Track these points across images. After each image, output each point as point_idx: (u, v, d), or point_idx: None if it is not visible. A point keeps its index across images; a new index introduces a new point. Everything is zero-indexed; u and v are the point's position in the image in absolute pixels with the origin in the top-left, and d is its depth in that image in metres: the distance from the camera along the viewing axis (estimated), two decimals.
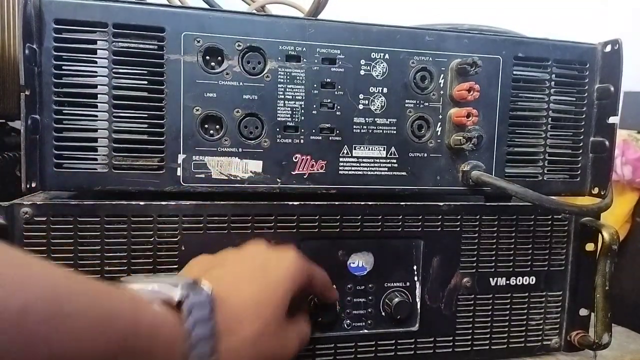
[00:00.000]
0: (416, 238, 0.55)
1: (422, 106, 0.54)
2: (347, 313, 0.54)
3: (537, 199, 0.51)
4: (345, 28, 0.52)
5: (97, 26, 0.47)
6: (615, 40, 0.56)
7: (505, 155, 0.57)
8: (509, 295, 0.58)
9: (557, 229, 0.59)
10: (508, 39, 0.56)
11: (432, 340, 0.57)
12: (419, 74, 0.53)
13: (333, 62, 0.52)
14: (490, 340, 0.58)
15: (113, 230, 0.48)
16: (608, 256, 0.56)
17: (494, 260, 0.57)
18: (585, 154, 0.59)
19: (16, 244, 0.46)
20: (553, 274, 0.59)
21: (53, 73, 0.46)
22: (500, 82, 0.55)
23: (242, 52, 0.49)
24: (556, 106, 0.58)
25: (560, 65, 0.57)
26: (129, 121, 0.48)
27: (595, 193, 0.59)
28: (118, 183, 0.48)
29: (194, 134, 0.49)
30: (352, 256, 0.54)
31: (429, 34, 0.53)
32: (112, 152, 0.48)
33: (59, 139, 0.47)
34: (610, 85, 0.57)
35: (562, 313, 0.60)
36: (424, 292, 0.56)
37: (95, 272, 0.48)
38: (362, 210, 0.53)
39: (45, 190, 0.48)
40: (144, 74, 0.48)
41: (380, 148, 0.54)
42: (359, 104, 0.53)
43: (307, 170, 0.52)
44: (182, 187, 0.49)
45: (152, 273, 0.41)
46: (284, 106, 0.51)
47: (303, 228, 0.52)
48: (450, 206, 0.55)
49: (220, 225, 0.50)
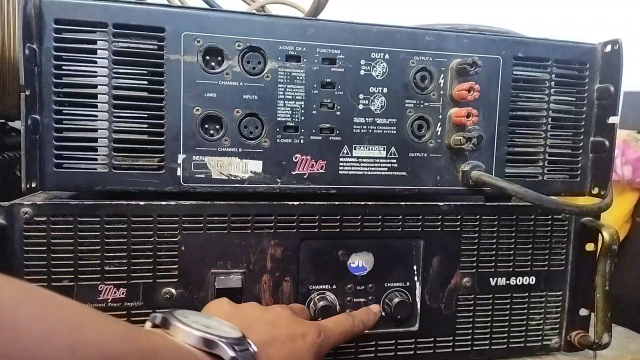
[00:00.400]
0: (416, 238, 0.55)
1: (422, 106, 0.54)
2: None
3: (537, 199, 0.51)
4: (345, 28, 0.52)
5: (97, 26, 0.47)
6: (615, 40, 0.56)
7: (505, 155, 0.57)
8: (509, 295, 0.58)
9: (557, 229, 0.59)
10: (508, 39, 0.56)
11: (432, 340, 0.57)
12: (419, 74, 0.53)
13: (333, 62, 0.52)
14: (490, 340, 0.58)
15: (113, 230, 0.48)
16: (608, 256, 0.56)
17: (494, 260, 0.57)
18: (585, 154, 0.59)
19: (16, 244, 0.46)
20: (553, 274, 0.59)
21: (53, 73, 0.46)
22: (500, 82, 0.55)
23: (242, 52, 0.49)
24: (556, 106, 0.58)
25: (560, 65, 0.57)
26: (129, 121, 0.48)
27: (595, 193, 0.59)
28: (118, 183, 0.48)
29: (194, 134, 0.49)
30: (352, 256, 0.54)
31: (429, 34, 0.53)
32: (112, 152, 0.48)
33: (59, 139, 0.47)
34: (610, 85, 0.57)
35: (562, 313, 0.60)
36: (424, 292, 0.56)
37: (95, 272, 0.48)
38: (362, 210, 0.53)
39: (45, 190, 0.48)
40: (144, 74, 0.48)
41: (380, 148, 0.54)
42: (359, 104, 0.53)
43: (307, 170, 0.52)
44: (182, 187, 0.49)
45: (192, 310, 0.41)
46: (284, 106, 0.51)
47: (303, 228, 0.52)
48: (450, 206, 0.55)
49: (220, 225, 0.50)
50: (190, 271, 0.50)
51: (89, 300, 0.48)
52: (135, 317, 0.49)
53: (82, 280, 0.48)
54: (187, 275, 0.50)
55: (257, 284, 0.52)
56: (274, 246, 0.52)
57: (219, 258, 0.50)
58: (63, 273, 0.47)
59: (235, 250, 0.51)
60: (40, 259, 0.47)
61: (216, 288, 0.50)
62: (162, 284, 0.49)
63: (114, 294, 0.48)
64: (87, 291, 0.48)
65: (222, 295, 0.50)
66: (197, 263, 0.50)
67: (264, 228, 0.51)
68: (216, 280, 0.50)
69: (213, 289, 0.50)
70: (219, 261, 0.50)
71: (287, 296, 0.52)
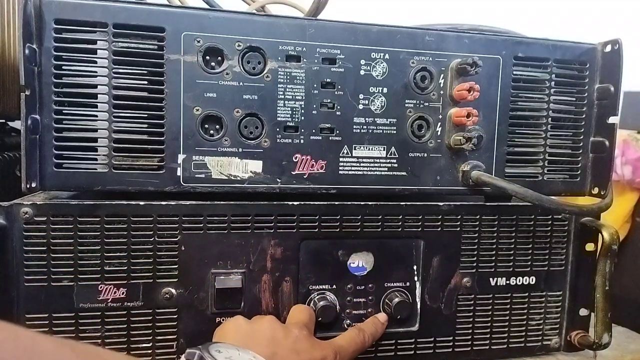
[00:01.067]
0: (416, 238, 0.55)
1: (422, 106, 0.54)
2: (347, 313, 0.54)
3: (537, 199, 0.51)
4: (345, 28, 0.52)
5: (97, 26, 0.47)
6: (615, 40, 0.56)
7: (505, 155, 0.57)
8: (509, 295, 0.58)
9: (557, 229, 0.59)
10: (508, 39, 0.56)
11: (432, 340, 0.57)
12: (419, 74, 0.53)
13: (333, 62, 0.52)
14: (490, 340, 0.58)
15: (113, 230, 0.48)
16: (608, 256, 0.56)
17: (494, 260, 0.57)
18: (585, 154, 0.59)
19: (16, 244, 0.46)
20: (553, 274, 0.59)
21: (53, 73, 0.46)
22: (500, 82, 0.55)
23: (242, 52, 0.49)
24: (556, 106, 0.58)
25: (560, 65, 0.57)
26: (129, 121, 0.48)
27: (595, 193, 0.59)
28: (118, 183, 0.48)
29: (194, 134, 0.49)
30: (352, 256, 0.54)
31: (429, 34, 0.53)
32: (112, 152, 0.48)
33: (59, 139, 0.47)
34: (610, 85, 0.57)
35: (562, 313, 0.60)
36: (424, 292, 0.56)
37: (95, 272, 0.48)
38: (362, 210, 0.53)
39: (45, 190, 0.48)
40: (144, 74, 0.48)
41: (380, 148, 0.54)
42: (359, 104, 0.53)
43: (307, 170, 0.52)
44: (182, 187, 0.49)
45: (224, 344, 0.42)
46: (284, 106, 0.51)
47: (303, 228, 0.52)
48: (450, 206, 0.55)
49: (220, 225, 0.50)
50: (190, 271, 0.50)
51: (89, 300, 0.48)
52: (135, 317, 0.49)
53: (82, 280, 0.48)
54: (187, 275, 0.50)
55: (257, 284, 0.52)
56: (274, 246, 0.52)
57: (219, 258, 0.50)
58: (63, 273, 0.47)
59: (235, 250, 0.51)
60: (40, 259, 0.47)
61: (216, 288, 0.50)
62: (162, 284, 0.49)
63: (114, 294, 0.48)
64: (87, 291, 0.48)
65: (222, 295, 0.50)
66: (197, 263, 0.50)
67: (264, 228, 0.51)
68: (216, 280, 0.50)
69: (213, 289, 0.50)
70: (219, 261, 0.50)
71: (287, 296, 0.52)
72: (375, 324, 0.53)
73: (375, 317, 0.54)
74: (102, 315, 0.48)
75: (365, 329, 0.52)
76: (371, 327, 0.53)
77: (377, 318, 0.54)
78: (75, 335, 0.48)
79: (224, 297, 0.50)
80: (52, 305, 0.47)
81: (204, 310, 0.51)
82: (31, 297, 0.47)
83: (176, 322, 0.50)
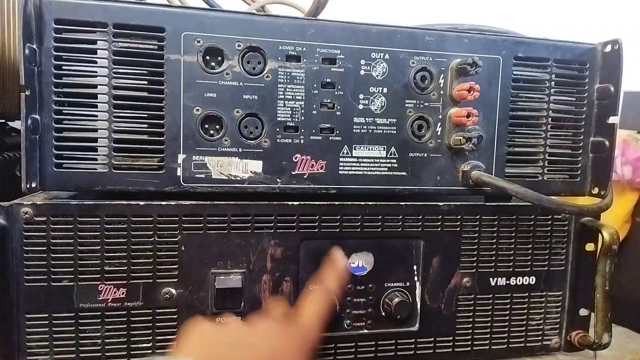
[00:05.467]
0: (416, 238, 0.55)
1: (422, 106, 0.54)
2: (347, 313, 0.54)
3: (537, 199, 0.51)
4: (345, 28, 0.52)
5: (97, 26, 0.47)
6: (615, 40, 0.56)
7: (505, 155, 0.57)
8: (509, 295, 0.58)
9: (557, 229, 0.59)
10: (508, 39, 0.56)
11: (432, 340, 0.57)
12: (419, 74, 0.53)
13: (333, 62, 0.52)
14: (490, 340, 0.58)
15: (113, 230, 0.48)
16: (608, 256, 0.56)
17: (494, 260, 0.57)
18: (585, 154, 0.59)
19: (16, 244, 0.46)
20: (553, 274, 0.59)
21: (53, 73, 0.46)
22: (500, 82, 0.55)
23: (242, 52, 0.49)
24: (556, 106, 0.58)
25: (560, 65, 0.57)
26: (129, 121, 0.48)
27: (595, 193, 0.59)
28: (118, 183, 0.48)
29: (194, 134, 0.49)
30: (352, 256, 0.54)
31: (429, 34, 0.53)
32: (112, 152, 0.48)
33: (59, 139, 0.47)
34: (610, 85, 0.57)
35: (562, 313, 0.60)
36: (424, 292, 0.56)
37: (95, 272, 0.48)
38: (362, 210, 0.53)
39: (45, 190, 0.48)
40: (144, 74, 0.48)
41: (380, 148, 0.54)
42: (359, 104, 0.53)
43: (307, 170, 0.52)
44: (182, 187, 0.49)
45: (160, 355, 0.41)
46: (284, 106, 0.51)
47: (303, 228, 0.52)
48: (450, 206, 0.55)
49: (220, 225, 0.50)
50: (190, 271, 0.50)
51: (89, 300, 0.48)
52: (135, 317, 0.49)
53: (82, 280, 0.48)
54: (187, 275, 0.50)
55: (257, 284, 0.52)
56: (274, 246, 0.52)
57: (219, 258, 0.50)
58: (63, 273, 0.47)
59: (235, 250, 0.51)
60: (40, 259, 0.47)
61: (216, 288, 0.50)
62: (162, 284, 0.49)
63: (114, 294, 0.48)
64: (87, 291, 0.48)
65: (222, 295, 0.50)
66: (197, 263, 0.50)
67: (264, 228, 0.51)
68: (216, 280, 0.50)
69: (213, 289, 0.50)
70: (219, 261, 0.50)
71: (287, 296, 0.52)
72: (334, 273, 0.49)
73: (332, 261, 0.50)
74: (102, 315, 0.48)
75: (325, 287, 0.49)
76: (330, 282, 0.49)
77: (333, 262, 0.50)
78: (75, 335, 0.48)
79: (224, 297, 0.50)
80: (52, 305, 0.47)
81: (204, 311, 0.50)
82: (31, 297, 0.47)
83: (176, 322, 0.50)
